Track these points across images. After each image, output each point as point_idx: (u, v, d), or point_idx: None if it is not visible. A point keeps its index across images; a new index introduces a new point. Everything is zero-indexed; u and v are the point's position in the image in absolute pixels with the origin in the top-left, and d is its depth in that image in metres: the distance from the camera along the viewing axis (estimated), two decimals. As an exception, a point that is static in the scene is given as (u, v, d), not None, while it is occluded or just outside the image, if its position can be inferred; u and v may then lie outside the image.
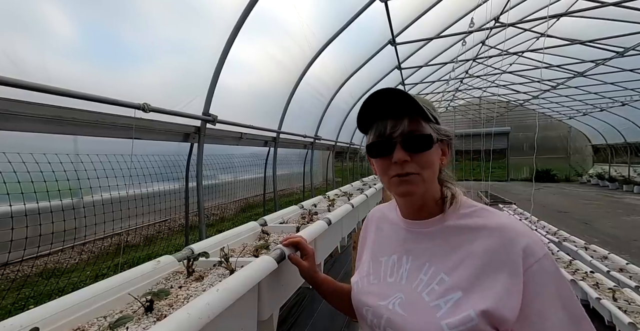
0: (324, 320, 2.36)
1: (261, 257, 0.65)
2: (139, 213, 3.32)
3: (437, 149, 0.53)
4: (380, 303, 0.52)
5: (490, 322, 0.43)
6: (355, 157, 9.16)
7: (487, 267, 0.46)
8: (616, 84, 7.50)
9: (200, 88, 2.26)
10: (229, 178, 5.97)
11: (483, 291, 0.44)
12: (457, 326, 0.43)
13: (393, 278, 0.54)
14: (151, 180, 3.13)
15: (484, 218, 0.50)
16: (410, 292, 0.50)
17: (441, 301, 0.46)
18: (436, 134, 0.52)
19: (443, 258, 0.50)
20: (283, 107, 3.59)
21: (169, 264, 0.70)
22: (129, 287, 0.59)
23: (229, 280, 0.52)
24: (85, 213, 2.70)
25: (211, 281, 0.63)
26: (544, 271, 0.44)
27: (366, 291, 0.57)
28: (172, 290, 0.60)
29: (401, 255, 0.56)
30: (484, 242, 0.47)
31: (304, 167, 5.26)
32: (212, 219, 6.21)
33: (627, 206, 7.72)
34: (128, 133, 1.64)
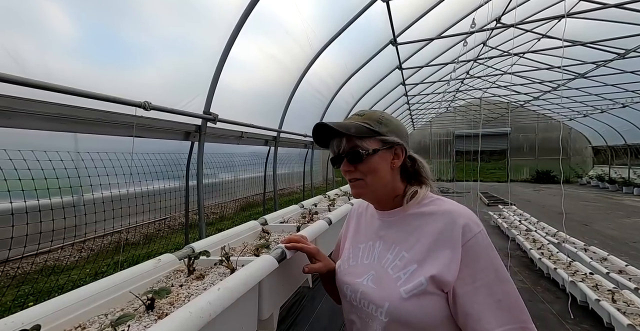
0: (323, 320, 2.36)
1: (262, 256, 0.66)
2: (139, 212, 3.33)
3: (382, 156, 0.65)
4: (357, 280, 0.65)
5: (436, 285, 0.55)
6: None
7: (436, 243, 0.58)
8: (617, 86, 7.49)
9: (201, 87, 2.26)
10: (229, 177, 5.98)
11: (432, 261, 0.57)
12: (411, 291, 0.55)
13: (368, 260, 0.67)
14: (151, 178, 3.14)
15: (436, 206, 0.63)
16: (380, 269, 0.63)
17: (401, 273, 0.59)
18: (377, 145, 0.65)
19: (404, 239, 0.63)
20: (284, 106, 3.60)
21: (170, 262, 0.70)
22: (130, 285, 0.59)
23: (230, 279, 0.52)
24: (86, 210, 2.70)
25: (212, 280, 0.63)
26: (478, 244, 0.56)
27: (346, 272, 0.69)
28: (173, 289, 0.60)
29: (375, 241, 0.69)
30: (434, 224, 0.60)
31: (304, 166, 5.26)
32: (212, 218, 6.21)
33: (627, 208, 7.71)
34: (129, 132, 1.64)
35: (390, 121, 0.67)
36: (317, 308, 2.57)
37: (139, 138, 1.77)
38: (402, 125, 0.69)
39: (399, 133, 0.67)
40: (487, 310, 0.53)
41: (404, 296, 0.56)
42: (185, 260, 0.68)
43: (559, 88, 8.27)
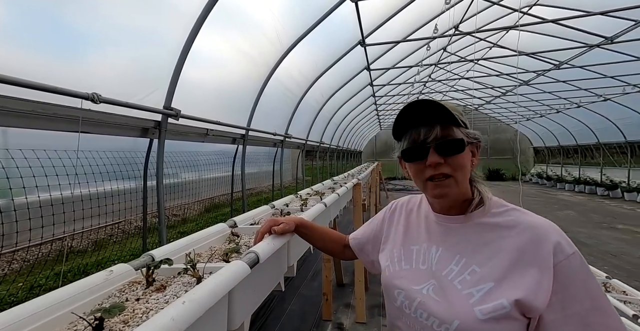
0: (294, 321, 2.32)
1: (232, 262, 0.60)
2: (88, 216, 2.99)
3: (467, 152, 0.58)
4: (414, 287, 0.58)
5: (521, 310, 0.48)
6: (325, 156, 9.22)
7: (519, 262, 0.50)
8: (553, 93, 8.45)
9: (161, 80, 2.08)
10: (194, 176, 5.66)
11: (514, 283, 0.49)
12: (490, 312, 0.48)
13: (425, 266, 0.59)
14: (103, 178, 2.84)
15: (515, 217, 0.55)
16: (442, 280, 0.55)
17: (473, 290, 0.51)
18: (466, 138, 0.57)
19: (474, 252, 0.55)
20: (252, 103, 3.47)
21: (125, 273, 0.62)
22: (74, 303, 0.51)
23: (196, 290, 0.47)
24: (17, 216, 2.35)
25: (175, 292, 0.56)
26: (572, 267, 0.48)
27: (398, 275, 0.62)
28: (127, 304, 0.53)
29: (431, 245, 0.61)
30: (516, 239, 0.52)
31: (274, 165, 5.15)
32: (173, 220, 5.83)
33: (560, 201, 8.77)
34: (73, 127, 1.44)
35: (463, 115, 0.60)
36: (288, 309, 2.52)
37: (87, 134, 1.57)
38: None
39: (474, 131, 0.59)
40: None
41: (479, 317, 0.49)
42: (144, 270, 0.60)
43: (507, 94, 9.12)
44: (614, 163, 9.87)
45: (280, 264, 0.95)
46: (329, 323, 2.30)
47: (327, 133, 7.59)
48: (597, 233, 5.15)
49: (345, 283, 2.98)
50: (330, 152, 9.47)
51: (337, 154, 10.90)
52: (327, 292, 2.36)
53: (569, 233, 4.44)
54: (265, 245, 0.73)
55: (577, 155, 11.72)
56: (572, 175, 11.68)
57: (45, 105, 1.34)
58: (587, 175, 10.85)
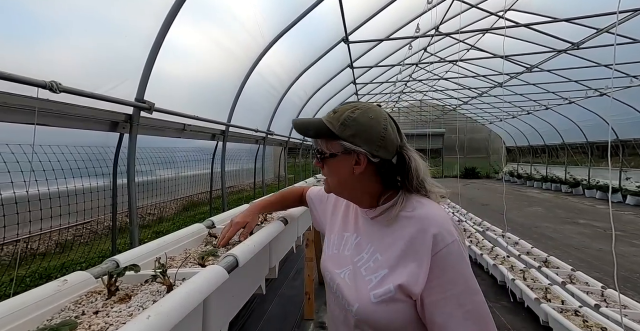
0: (274, 322, 2.27)
1: (208, 267, 0.55)
2: (50, 216, 2.77)
3: (342, 160, 0.63)
4: (336, 270, 0.66)
5: (403, 293, 0.54)
6: (308, 154, 9.16)
7: (407, 250, 0.56)
8: (524, 95, 8.90)
9: (133, 72, 1.94)
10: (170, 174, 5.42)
11: (401, 269, 0.55)
12: (380, 296, 0.55)
13: (349, 253, 0.66)
14: (65, 176, 2.63)
15: (417, 209, 0.60)
16: (354, 266, 0.62)
17: (372, 276, 0.58)
18: (338, 148, 0.62)
19: (380, 241, 0.62)
20: (233, 98, 3.35)
21: (82, 283, 0.54)
22: (15, 320, 0.43)
23: (165, 301, 0.41)
24: None
25: (141, 302, 0.50)
26: (450, 254, 0.54)
27: (329, 259, 0.70)
28: (83, 318, 0.46)
29: (353, 234, 0.69)
30: (408, 229, 0.58)
31: (255, 162, 5.04)
32: (147, 220, 5.55)
33: (529, 198, 9.29)
34: (28, 119, 1.30)
35: (358, 124, 0.61)
36: (268, 310, 2.47)
37: (44, 127, 1.42)
38: (379, 126, 0.61)
39: (366, 138, 0.60)
40: (454, 320, 0.52)
41: (372, 300, 0.56)
42: (105, 278, 0.53)
43: (483, 95, 9.49)
44: (576, 162, 10.58)
45: (261, 266, 0.90)
46: (311, 322, 2.28)
47: (309, 130, 7.53)
48: (562, 228, 5.50)
49: (328, 281, 2.96)
50: (313, 150, 9.43)
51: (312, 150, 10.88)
52: (310, 291, 2.32)
53: (538, 228, 4.70)
54: (245, 247, 0.68)
55: (545, 155, 12.45)
56: (540, 173, 12.40)
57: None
58: (554, 174, 11.56)
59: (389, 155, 0.61)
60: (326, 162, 0.65)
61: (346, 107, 0.64)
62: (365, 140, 0.60)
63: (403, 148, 0.63)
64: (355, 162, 0.62)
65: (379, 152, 0.60)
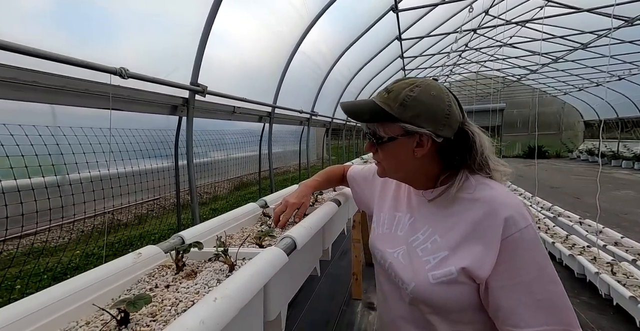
0: (323, 300, 2.34)
1: (268, 249, 0.53)
2: (131, 192, 3.15)
3: (401, 144, 0.59)
4: (388, 250, 0.65)
5: (467, 276, 0.53)
6: (351, 135, 8.98)
7: (473, 233, 0.54)
8: (615, 57, 7.30)
9: (187, 58, 2.02)
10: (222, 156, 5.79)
11: (465, 252, 0.54)
12: (440, 277, 0.54)
13: (402, 233, 0.65)
14: (142, 156, 2.94)
15: (481, 191, 0.56)
16: (409, 246, 0.61)
17: (430, 257, 0.57)
18: (397, 131, 0.58)
19: (439, 223, 0.60)
20: (278, 79, 3.34)
21: (154, 256, 0.57)
22: (101, 288, 0.46)
23: (229, 283, 0.40)
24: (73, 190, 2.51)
25: (206, 280, 0.50)
26: (522, 240, 0.51)
27: (380, 238, 0.70)
28: (156, 291, 0.48)
29: (407, 214, 0.67)
30: (474, 212, 0.55)
31: (300, 144, 5.09)
32: (205, 197, 6.10)
33: (615, 180, 7.90)
34: (105, 103, 1.43)
35: (420, 103, 0.56)
36: (316, 288, 2.56)
37: (118, 111, 1.57)
38: (443, 103, 0.56)
39: (430, 117, 0.56)
40: (523, 307, 0.49)
41: (431, 281, 0.55)
42: (173, 253, 0.55)
43: (558, 61, 8.04)
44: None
45: (316, 248, 0.88)
46: (359, 302, 2.30)
47: (353, 110, 7.31)
48: (660, 217, 4.59)
49: (375, 262, 2.94)
50: (357, 131, 9.20)
51: (364, 133, 10.59)
52: (357, 272, 2.33)
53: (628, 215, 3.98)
54: (302, 230, 0.65)
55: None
56: (632, 151, 10.37)
57: (77, 80, 1.32)
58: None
59: (451, 133, 0.57)
60: (383, 146, 0.61)
61: (401, 85, 0.58)
62: (429, 120, 0.56)
63: (464, 123, 0.59)
64: (416, 144, 0.58)
65: (443, 131, 0.56)
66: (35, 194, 2.28)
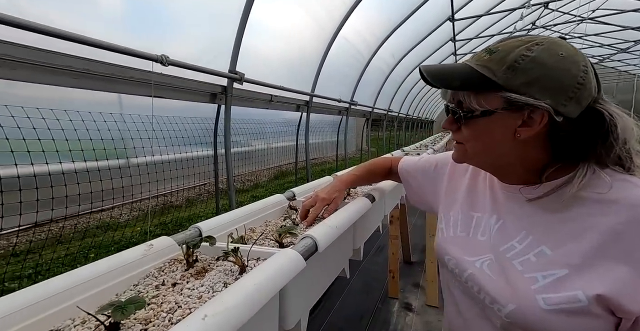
0: (357, 295, 2.27)
1: (283, 252, 0.46)
2: (180, 176, 3.34)
3: (499, 120, 0.44)
4: (467, 257, 0.52)
5: (604, 307, 0.38)
6: (392, 126, 8.59)
7: (611, 248, 0.39)
8: None
9: (224, 46, 2.03)
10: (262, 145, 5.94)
11: (599, 273, 0.39)
12: (558, 304, 0.40)
13: (485, 238, 0.52)
14: (193, 142, 3.10)
15: (621, 190, 0.40)
16: (500, 256, 0.48)
17: (539, 275, 0.43)
18: (497, 103, 0.43)
19: (547, 229, 0.45)
20: (316, 67, 3.24)
21: (167, 248, 0.53)
22: (107, 281, 0.44)
23: (226, 296, 0.33)
24: (131, 173, 2.75)
25: (213, 282, 0.45)
26: None
27: (451, 241, 0.57)
28: (162, 289, 0.43)
29: (492, 215, 0.53)
30: (613, 218, 0.40)
31: (338, 135, 4.98)
32: (247, 185, 6.37)
33: None
34: (148, 91, 1.49)
35: (540, 65, 0.41)
36: (349, 284, 2.49)
37: (161, 99, 1.63)
38: (576, 67, 0.40)
39: (553, 86, 0.40)
40: None
41: (543, 306, 0.41)
42: (185, 247, 0.50)
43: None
44: None
45: (345, 247, 0.80)
46: (396, 301, 2.18)
47: (396, 100, 6.93)
48: None
49: (414, 261, 2.77)
50: (398, 121, 8.75)
51: (406, 124, 10.03)
52: (394, 270, 2.21)
53: None
54: (327, 229, 0.56)
55: None
56: None
57: (123, 68, 1.38)
58: None
59: (577, 111, 0.41)
60: (471, 122, 0.47)
61: (512, 43, 0.43)
62: (549, 90, 0.40)
63: (598, 101, 0.42)
64: (522, 122, 0.43)
65: (568, 106, 0.41)
66: (102, 175, 2.53)
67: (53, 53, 1.13)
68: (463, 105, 0.47)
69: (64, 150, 2.13)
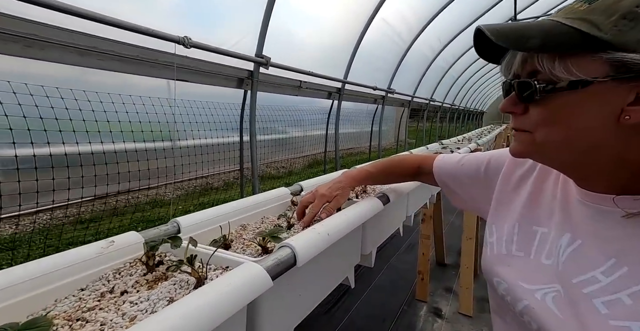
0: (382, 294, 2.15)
1: (245, 267, 0.36)
2: (218, 159, 3.42)
3: (599, 95, 0.30)
4: (523, 284, 0.41)
5: None
6: (435, 117, 7.99)
7: None
8: None
9: (251, 29, 1.95)
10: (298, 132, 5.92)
11: None
12: None
13: (551, 261, 0.40)
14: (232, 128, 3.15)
15: None
16: (573, 290, 0.35)
17: (635, 325, 0.29)
18: (598, 70, 0.30)
19: None
20: (350, 51, 3.04)
21: (132, 246, 0.47)
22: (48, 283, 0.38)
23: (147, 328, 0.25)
24: (174, 154, 2.86)
25: (160, 296, 0.37)
26: None
27: (504, 261, 0.45)
28: (107, 297, 0.37)
29: (564, 233, 0.39)
30: None
31: (372, 125, 4.74)
32: (281, 172, 6.48)
33: None
34: (170, 74, 1.49)
35: None
36: (375, 279, 2.37)
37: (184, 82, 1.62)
38: None
39: None
40: None
41: None
42: (148, 246, 0.43)
43: None
44: None
45: (349, 254, 0.68)
46: (424, 304, 2.03)
47: (440, 89, 6.38)
48: None
49: (448, 263, 2.56)
50: (442, 112, 8.11)
51: (451, 114, 9.26)
52: (423, 271, 2.05)
53: None
54: (313, 237, 0.46)
55: None
56: None
57: (146, 50, 1.39)
58: None
59: None
60: (550, 99, 0.33)
61: None
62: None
63: None
64: (636, 98, 0.30)
65: None
66: (151, 156, 2.64)
67: (78, 33, 1.15)
68: (538, 76, 0.33)
69: (116, 131, 2.22)
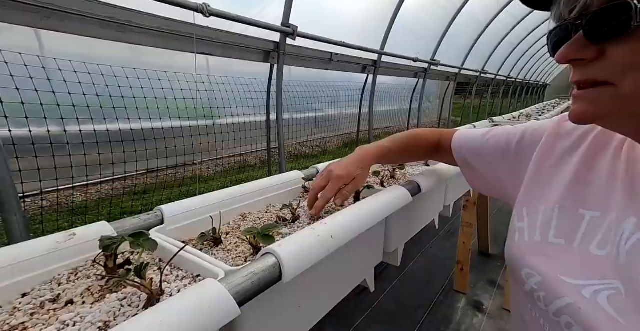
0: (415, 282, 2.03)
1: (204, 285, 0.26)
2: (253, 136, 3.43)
3: None
4: (566, 279, 0.31)
5: None
6: (487, 91, 7.14)
7: None
8: None
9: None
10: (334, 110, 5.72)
11: None
12: None
13: (605, 252, 0.30)
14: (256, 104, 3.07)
15: None
16: (635, 287, 0.26)
17: None
18: None
19: None
20: (388, 19, 2.70)
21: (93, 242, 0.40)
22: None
23: None
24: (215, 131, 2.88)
25: (97, 316, 0.29)
26: None
27: (537, 249, 0.36)
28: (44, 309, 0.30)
29: (627, 216, 0.30)
30: None
31: (411, 101, 4.35)
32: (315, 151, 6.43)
33: None
34: (190, 47, 1.41)
35: None
36: (408, 266, 2.24)
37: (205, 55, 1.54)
38: None
39: None
40: None
41: None
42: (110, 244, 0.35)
43: None
44: None
45: (368, 253, 0.56)
46: (463, 297, 1.88)
47: (494, 59, 5.58)
48: None
49: (493, 254, 2.32)
50: (495, 86, 7.19)
51: (505, 88, 8.19)
52: (463, 261, 1.87)
53: None
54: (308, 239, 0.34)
55: None
56: None
57: (167, 21, 1.31)
58: None
59: None
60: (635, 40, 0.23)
61: None
62: None
63: None
64: None
65: None
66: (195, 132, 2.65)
67: (96, 2, 1.10)
68: (620, 10, 0.23)
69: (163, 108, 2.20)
